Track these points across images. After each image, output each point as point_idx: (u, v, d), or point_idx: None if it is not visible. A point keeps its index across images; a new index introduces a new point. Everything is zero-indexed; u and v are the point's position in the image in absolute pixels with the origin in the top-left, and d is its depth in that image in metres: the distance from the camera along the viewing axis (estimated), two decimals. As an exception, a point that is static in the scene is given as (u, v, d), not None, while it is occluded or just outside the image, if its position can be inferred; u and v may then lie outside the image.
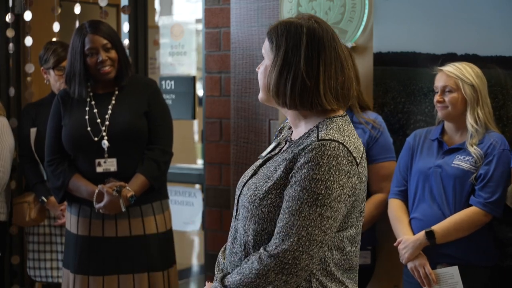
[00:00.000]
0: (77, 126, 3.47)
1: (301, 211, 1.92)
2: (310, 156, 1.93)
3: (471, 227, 3.04)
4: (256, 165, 2.14)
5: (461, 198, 3.07)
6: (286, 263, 1.94)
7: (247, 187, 2.07)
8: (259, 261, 1.96)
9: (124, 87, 3.53)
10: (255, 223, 2.02)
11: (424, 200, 3.15)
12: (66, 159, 3.52)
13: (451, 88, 3.10)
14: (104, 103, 3.51)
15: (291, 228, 1.93)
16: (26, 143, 4.19)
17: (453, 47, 3.38)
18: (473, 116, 3.08)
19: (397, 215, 3.22)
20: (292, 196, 1.94)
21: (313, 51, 2.00)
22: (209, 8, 4.17)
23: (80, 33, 3.48)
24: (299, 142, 2.02)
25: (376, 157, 3.37)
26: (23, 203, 4.20)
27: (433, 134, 3.23)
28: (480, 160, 3.05)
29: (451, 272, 3.04)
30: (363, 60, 3.58)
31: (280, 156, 2.07)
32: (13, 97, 4.63)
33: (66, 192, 3.50)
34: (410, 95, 3.52)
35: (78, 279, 3.48)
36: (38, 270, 4.22)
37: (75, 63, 3.46)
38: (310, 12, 3.72)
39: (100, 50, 3.45)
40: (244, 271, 1.99)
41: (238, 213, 2.10)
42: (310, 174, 1.92)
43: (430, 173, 3.13)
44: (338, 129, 2.00)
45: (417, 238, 3.08)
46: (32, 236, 4.24)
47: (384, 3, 3.55)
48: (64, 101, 3.54)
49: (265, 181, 2.03)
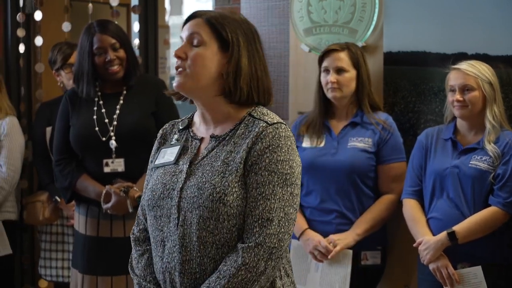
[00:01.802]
0: (85, 126, 3.46)
1: (275, 193, 1.96)
2: (269, 140, 1.98)
3: (491, 227, 3.03)
4: (183, 170, 2.05)
5: (480, 198, 3.05)
6: (273, 247, 1.95)
7: (191, 189, 1.99)
8: (243, 256, 1.93)
9: (132, 86, 3.52)
10: (223, 220, 1.97)
11: (442, 200, 3.13)
12: (74, 159, 3.52)
13: (471, 87, 3.07)
14: (112, 103, 3.50)
15: (269, 212, 1.95)
16: (41, 142, 4.20)
17: (463, 47, 3.37)
18: (491, 114, 3.07)
19: (414, 215, 3.21)
20: (261, 182, 1.96)
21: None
22: (219, 8, 4.17)
23: (89, 33, 3.47)
24: (242, 132, 2.02)
25: (386, 157, 3.36)
26: (36, 202, 4.21)
27: (446, 133, 3.20)
28: (497, 160, 3.03)
29: (474, 272, 3.02)
30: (373, 59, 3.57)
31: (218, 151, 2.03)
32: (23, 96, 4.65)
33: (73, 192, 3.50)
34: (420, 95, 3.51)
35: (87, 279, 3.49)
36: (49, 269, 4.24)
37: (83, 62, 3.45)
38: (320, 12, 3.71)
39: (109, 49, 3.44)
40: (228, 272, 1.94)
41: (181, 219, 2.01)
42: (274, 157, 1.97)
43: (447, 173, 3.11)
44: (271, 113, 2.08)
45: (439, 239, 3.06)
46: (44, 235, 4.26)
47: (395, 3, 3.54)
48: (72, 101, 3.53)
49: (220, 177, 1.97)
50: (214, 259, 1.99)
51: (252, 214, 1.96)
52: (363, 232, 3.31)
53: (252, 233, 1.95)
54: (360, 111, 3.41)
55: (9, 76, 4.62)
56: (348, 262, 3.29)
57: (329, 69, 3.36)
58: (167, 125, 2.24)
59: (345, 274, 3.28)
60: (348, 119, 3.42)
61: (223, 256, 1.98)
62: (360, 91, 3.40)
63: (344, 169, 3.32)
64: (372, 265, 3.39)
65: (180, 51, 2.05)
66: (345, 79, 3.35)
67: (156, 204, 2.06)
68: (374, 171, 3.37)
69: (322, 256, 3.29)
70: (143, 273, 2.13)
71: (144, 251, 2.16)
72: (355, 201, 3.34)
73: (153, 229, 2.08)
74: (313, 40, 3.73)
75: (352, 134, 3.39)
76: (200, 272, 1.99)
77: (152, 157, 2.21)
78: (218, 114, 2.09)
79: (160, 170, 2.11)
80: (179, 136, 2.16)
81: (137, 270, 2.16)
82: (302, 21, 3.76)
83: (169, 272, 2.03)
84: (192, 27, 2.06)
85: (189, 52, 2.04)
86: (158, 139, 2.22)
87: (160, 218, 2.05)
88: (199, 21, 2.06)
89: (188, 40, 2.05)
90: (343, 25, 3.66)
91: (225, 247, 1.98)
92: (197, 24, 2.06)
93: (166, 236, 2.04)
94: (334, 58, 3.36)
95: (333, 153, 3.36)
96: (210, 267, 1.99)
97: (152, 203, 2.07)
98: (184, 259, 2.00)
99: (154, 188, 2.08)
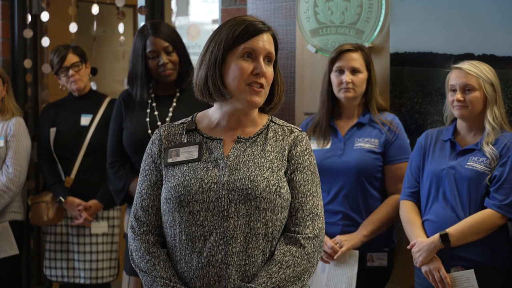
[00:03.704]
0: (138, 128, 3.44)
1: (317, 192, 2.17)
2: (305, 144, 2.20)
3: (486, 230, 2.99)
4: (219, 165, 2.12)
5: (476, 200, 3.03)
6: (321, 241, 2.13)
7: (241, 182, 2.07)
8: (306, 246, 2.08)
9: (185, 89, 3.51)
10: (278, 212, 2.09)
11: (438, 202, 3.10)
12: (128, 162, 3.51)
13: (472, 87, 3.05)
14: (165, 105, 3.48)
15: (316, 208, 2.14)
16: (45, 142, 4.21)
17: (470, 47, 3.36)
18: (492, 115, 3.04)
19: (409, 217, 3.19)
20: (307, 180, 2.16)
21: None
22: (225, 9, 4.17)
23: (142, 35, 3.45)
24: (273, 136, 2.19)
25: (392, 158, 3.36)
26: (41, 203, 4.22)
27: (445, 134, 3.19)
28: (494, 161, 3.00)
29: (466, 276, 2.99)
30: (380, 60, 3.56)
31: (251, 150, 2.14)
32: (30, 97, 4.66)
33: (127, 194, 3.50)
34: (427, 96, 3.51)
35: (132, 281, 3.51)
36: (54, 270, 4.24)
37: (136, 65, 3.44)
38: (327, 12, 3.71)
39: (162, 53, 3.42)
40: (291, 262, 2.06)
41: (231, 211, 2.06)
42: (311, 160, 2.20)
43: (444, 174, 3.09)
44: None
45: (432, 241, 3.03)
46: (49, 236, 4.26)
47: (401, 4, 3.54)
48: (126, 103, 3.52)
49: (270, 171, 2.11)
50: (264, 251, 2.08)
51: (303, 208, 2.13)
52: (369, 233, 3.30)
53: (306, 225, 2.11)
54: (367, 112, 3.41)
55: (16, 77, 4.63)
56: (355, 263, 3.29)
57: (344, 69, 3.35)
58: (165, 126, 2.25)
59: (352, 275, 3.27)
60: (355, 120, 3.42)
61: (271, 249, 2.09)
62: (369, 92, 3.40)
63: (351, 170, 3.32)
64: (379, 267, 3.38)
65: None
66: (359, 80, 3.36)
67: (193, 198, 2.09)
68: (381, 172, 3.37)
69: (328, 257, 3.29)
70: (166, 275, 2.12)
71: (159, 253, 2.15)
72: (361, 202, 3.34)
73: (186, 225, 2.09)
74: (320, 41, 3.73)
75: (358, 134, 3.38)
76: (249, 264, 2.06)
77: (151, 157, 2.21)
78: (248, 119, 2.22)
79: (183, 167, 2.14)
80: (188, 136, 2.20)
81: (156, 272, 2.13)
82: (309, 22, 3.76)
83: (212, 265, 2.06)
84: (270, 44, 2.17)
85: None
86: (163, 140, 2.22)
87: (199, 212, 2.08)
88: (271, 38, 2.18)
89: (265, 57, 2.17)
90: (349, 26, 3.66)
91: (275, 240, 2.10)
92: (270, 41, 2.17)
93: (208, 230, 2.07)
94: (349, 58, 3.36)
95: (339, 154, 3.36)
96: (259, 259, 2.07)
97: (187, 199, 2.09)
98: (234, 251, 2.05)
99: (187, 183, 2.10)
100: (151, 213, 2.17)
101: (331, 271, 3.31)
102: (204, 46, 2.18)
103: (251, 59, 2.12)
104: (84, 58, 4.24)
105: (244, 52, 2.11)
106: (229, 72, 2.12)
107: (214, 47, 2.13)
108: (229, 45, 2.11)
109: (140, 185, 2.21)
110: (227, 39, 2.12)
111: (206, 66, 2.14)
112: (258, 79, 2.11)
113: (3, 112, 4.16)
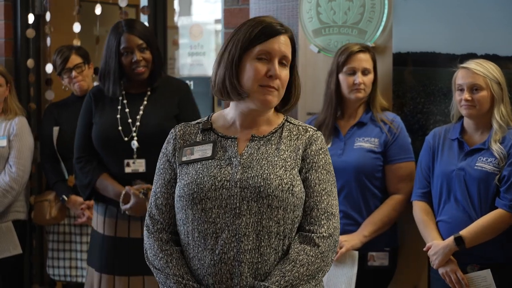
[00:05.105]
0: (108, 125, 3.45)
1: (332, 191, 2.16)
2: (320, 143, 2.19)
3: (498, 230, 3.02)
4: (232, 163, 2.13)
5: (487, 200, 3.05)
6: (336, 240, 2.13)
7: (255, 180, 2.07)
8: (321, 245, 2.08)
9: (156, 88, 3.52)
10: (290, 211, 2.09)
11: (450, 203, 3.12)
12: (96, 158, 3.51)
13: (480, 87, 3.06)
14: (136, 103, 3.49)
15: (331, 207, 2.14)
16: (48, 141, 4.22)
17: (473, 47, 3.36)
18: (499, 113, 3.06)
19: (423, 218, 3.20)
20: (322, 179, 2.15)
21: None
22: (228, 9, 4.17)
23: (116, 31, 3.46)
24: (287, 135, 2.19)
25: (393, 157, 3.36)
26: (44, 202, 4.23)
27: (453, 133, 3.20)
28: (503, 161, 3.02)
29: (483, 275, 3.02)
30: (383, 60, 3.56)
31: (265, 149, 2.15)
32: (33, 97, 4.67)
33: (93, 190, 3.50)
34: (429, 96, 3.51)
35: (104, 278, 3.50)
36: (57, 269, 4.25)
37: (110, 61, 3.44)
38: (330, 12, 3.71)
39: (135, 50, 3.44)
40: (306, 261, 2.06)
41: (243, 208, 2.06)
42: (326, 159, 2.18)
43: (453, 176, 3.10)
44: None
45: (447, 244, 3.05)
46: (52, 235, 4.27)
47: (404, 3, 3.54)
48: (96, 98, 3.52)
49: (283, 170, 2.10)
50: (276, 250, 2.08)
51: (317, 207, 2.12)
52: (370, 233, 3.31)
53: (321, 225, 2.10)
54: (368, 111, 3.42)
55: (18, 77, 4.64)
56: (354, 264, 3.29)
57: (356, 70, 3.36)
58: (181, 126, 2.27)
59: (351, 276, 3.28)
60: (356, 119, 3.42)
61: (284, 248, 2.09)
62: (373, 91, 3.42)
63: (351, 169, 3.32)
64: (380, 267, 3.38)
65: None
66: (369, 80, 3.38)
67: (206, 196, 2.10)
68: (381, 171, 3.37)
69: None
70: (179, 272, 2.13)
71: (172, 251, 2.16)
72: (361, 202, 3.34)
73: (199, 222, 2.10)
74: (322, 41, 3.73)
75: (358, 134, 3.39)
76: (262, 262, 2.07)
77: (166, 156, 2.23)
78: (264, 119, 2.22)
79: (197, 165, 2.15)
80: (204, 136, 2.22)
81: (169, 269, 2.14)
82: (311, 22, 3.77)
83: (224, 263, 2.07)
84: (286, 47, 2.16)
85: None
86: (178, 139, 2.23)
87: (211, 210, 2.09)
88: (288, 41, 2.17)
89: (281, 59, 2.16)
90: (352, 26, 3.66)
91: (287, 238, 2.09)
92: (287, 44, 2.16)
93: (220, 227, 2.08)
94: (361, 59, 3.37)
95: (339, 154, 3.36)
96: (272, 257, 2.08)
97: (200, 196, 2.10)
98: (246, 248, 2.06)
99: (200, 181, 2.11)
100: (165, 211, 2.19)
101: (331, 272, 3.31)
102: (223, 45, 2.20)
103: (266, 61, 2.12)
104: (87, 59, 4.25)
105: (259, 54, 2.11)
106: (244, 72, 2.13)
107: (232, 47, 2.14)
108: (245, 46, 2.12)
109: (155, 183, 2.23)
110: (244, 39, 2.12)
111: (224, 65, 2.15)
112: (272, 81, 2.12)
113: (6, 112, 4.18)
